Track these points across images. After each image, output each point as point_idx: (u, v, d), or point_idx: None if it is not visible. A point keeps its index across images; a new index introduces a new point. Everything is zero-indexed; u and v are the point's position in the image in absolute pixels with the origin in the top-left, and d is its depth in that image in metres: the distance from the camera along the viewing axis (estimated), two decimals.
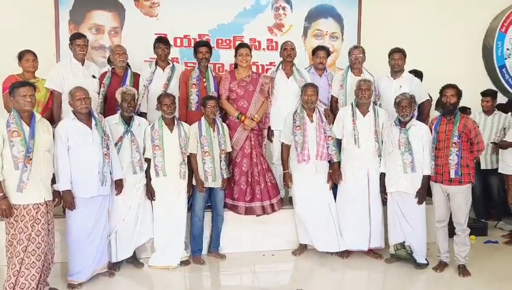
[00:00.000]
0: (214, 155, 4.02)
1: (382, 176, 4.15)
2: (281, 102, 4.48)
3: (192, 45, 4.89)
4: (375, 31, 5.93)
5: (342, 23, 6.04)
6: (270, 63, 5.80)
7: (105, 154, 3.58)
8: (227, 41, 5.72)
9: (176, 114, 4.11)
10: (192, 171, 4.05)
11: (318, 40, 5.96)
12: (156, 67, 4.35)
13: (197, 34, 5.60)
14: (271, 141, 4.65)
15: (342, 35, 6.06)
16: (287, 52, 4.47)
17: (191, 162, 4.03)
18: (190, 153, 4.03)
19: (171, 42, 5.41)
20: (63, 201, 3.50)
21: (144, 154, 3.96)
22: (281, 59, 4.59)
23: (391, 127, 4.08)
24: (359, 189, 4.17)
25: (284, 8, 5.89)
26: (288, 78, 4.52)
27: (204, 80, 4.36)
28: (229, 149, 4.23)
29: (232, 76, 4.41)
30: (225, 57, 5.64)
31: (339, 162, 4.24)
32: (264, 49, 5.83)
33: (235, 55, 4.39)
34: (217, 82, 4.41)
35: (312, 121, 4.23)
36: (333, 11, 6.01)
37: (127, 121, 3.88)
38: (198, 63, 4.38)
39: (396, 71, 4.52)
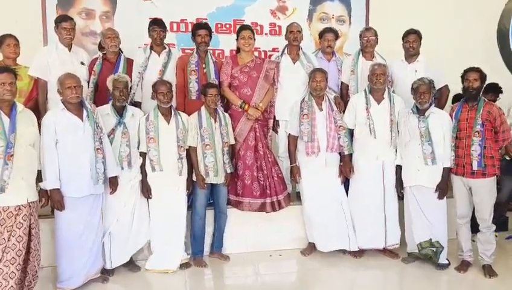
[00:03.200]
0: (216, 148, 3.68)
1: (398, 169, 3.83)
2: (286, 89, 4.13)
3: (190, 29, 4.51)
4: (385, 14, 5.56)
5: (350, 6, 5.68)
6: (273, 49, 5.43)
7: (98, 148, 3.24)
8: (227, 26, 5.36)
9: (173, 103, 3.76)
10: (192, 165, 3.70)
11: (324, 23, 5.59)
12: (150, 52, 3.98)
13: (195, 18, 5.21)
14: (276, 132, 4.30)
15: (350, 19, 5.70)
16: (293, 35, 4.12)
17: (190, 156, 3.68)
18: (189, 146, 3.68)
19: (167, 27, 5.09)
20: (51, 201, 3.17)
21: (138, 147, 3.61)
22: (286, 43, 4.24)
23: (408, 116, 3.74)
24: (373, 183, 3.84)
25: None
26: (294, 63, 4.16)
27: (204, 65, 4.00)
28: (232, 141, 3.89)
29: (234, 61, 4.05)
30: (225, 42, 5.29)
31: (351, 154, 3.91)
32: (266, 33, 5.47)
33: (237, 39, 4.04)
34: (217, 68, 4.05)
35: (321, 109, 3.89)
36: None
37: (120, 111, 3.53)
38: (197, 47, 4.02)
39: (411, 55, 4.18)
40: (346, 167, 3.90)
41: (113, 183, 3.43)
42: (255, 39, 4.04)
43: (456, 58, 5.00)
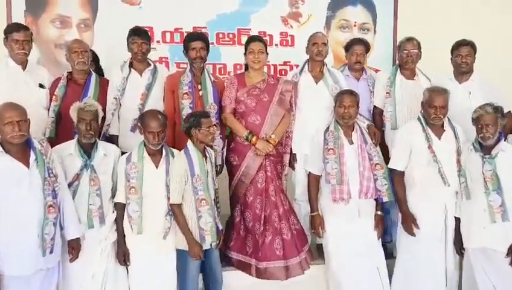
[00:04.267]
0: (212, 202, 2.76)
1: (457, 222, 2.93)
2: (307, 115, 3.27)
3: None
4: (416, 21, 4.69)
5: (375, 12, 4.81)
6: (285, 63, 4.61)
7: (50, 205, 2.37)
8: (230, 36, 4.50)
9: None
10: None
11: (345, 32, 4.74)
12: (130, 71, 3.11)
13: (192, 26, 4.36)
14: (293, 169, 3.41)
15: (375, 27, 4.83)
16: (317, 49, 3.25)
17: (174, 214, 2.74)
18: (172, 204, 2.73)
19: (158, 37, 4.33)
20: None
21: (114, 197, 2.73)
22: (307, 57, 3.38)
23: (468, 154, 2.85)
24: (434, 241, 2.95)
25: None
26: (317, 83, 3.29)
27: (199, 86, 3.13)
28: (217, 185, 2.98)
29: (240, 81, 3.19)
30: (227, 55, 4.46)
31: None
32: (276, 44, 4.60)
33: (245, 53, 3.19)
34: (217, 90, 3.18)
35: (351, 142, 3.02)
36: None
37: (87, 150, 2.66)
38: (191, 63, 3.16)
39: (463, 72, 3.31)
40: (379, 226, 3.03)
41: (74, 247, 2.55)
42: (267, 53, 3.18)
43: (506, 76, 4.19)
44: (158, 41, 4.35)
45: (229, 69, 4.48)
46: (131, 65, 3.14)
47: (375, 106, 3.48)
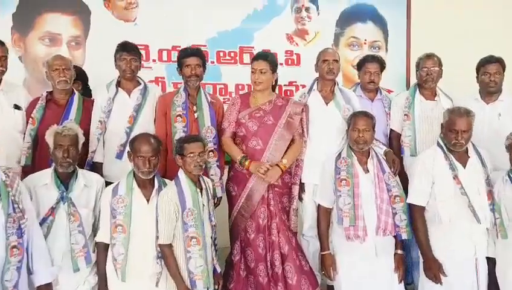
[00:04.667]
0: (206, 241, 2.37)
1: (490, 263, 2.54)
2: (316, 140, 2.92)
3: None
4: (431, 40, 4.38)
5: (386, 29, 4.52)
6: (290, 83, 4.31)
7: (14, 246, 2.02)
8: (232, 54, 4.19)
9: None
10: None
11: (354, 50, 4.45)
12: (117, 91, 2.80)
13: (190, 44, 4.01)
14: (301, 200, 3.03)
15: (386, 45, 4.53)
16: (328, 66, 2.93)
17: (164, 256, 2.35)
18: (160, 244, 2.35)
19: (155, 55, 4.01)
20: None
21: (96, 236, 2.37)
22: (317, 76, 3.06)
23: (504, 184, 2.48)
24: (464, 288, 2.53)
25: (308, 9, 4.37)
26: (327, 104, 2.96)
27: (194, 108, 2.80)
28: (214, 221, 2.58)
29: (243, 102, 2.87)
30: (229, 75, 4.16)
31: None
32: (281, 63, 4.23)
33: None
34: (214, 111, 2.85)
35: (367, 171, 2.66)
36: (374, 13, 4.49)
37: (65, 180, 2.32)
38: (185, 82, 2.84)
39: (491, 92, 2.98)
40: (400, 267, 2.62)
41: None
42: (274, 72, 2.85)
43: None
44: (154, 60, 4.05)
45: (230, 90, 4.17)
46: (118, 84, 2.82)
47: (391, 130, 3.14)
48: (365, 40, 4.48)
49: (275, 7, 4.30)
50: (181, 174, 2.42)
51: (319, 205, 2.78)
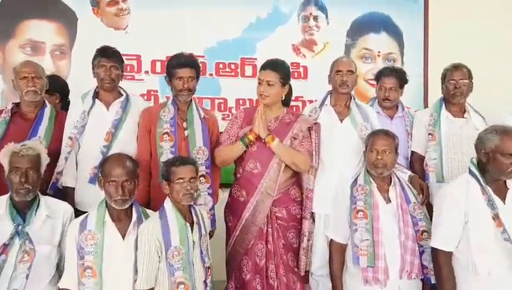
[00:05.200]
0: (197, 286, 1.95)
1: None
2: (328, 163, 2.51)
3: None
4: (451, 52, 3.99)
5: (402, 40, 4.13)
6: (296, 98, 3.88)
7: None
8: (232, 66, 3.82)
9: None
10: None
11: (367, 63, 4.06)
12: (93, 103, 2.40)
13: None
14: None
15: (402, 58, 4.13)
16: (341, 78, 2.54)
17: None
18: None
19: (147, 66, 3.67)
20: None
21: (59, 281, 1.95)
22: (330, 88, 2.66)
23: None
24: None
25: (316, 18, 4.00)
26: (341, 120, 2.56)
27: (184, 124, 2.39)
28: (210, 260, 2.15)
29: (247, 117, 2.48)
30: (228, 89, 3.79)
31: None
32: None
33: None
34: (208, 128, 2.44)
35: (388, 200, 2.24)
36: (388, 23, 4.10)
37: (23, 209, 1.91)
38: (175, 95, 2.43)
39: None
40: None
41: None
42: (284, 84, 2.44)
43: None
44: (147, 72, 3.70)
45: (230, 105, 3.79)
46: (96, 95, 2.42)
47: (413, 152, 2.73)
48: (379, 52, 4.09)
49: (280, 15, 3.94)
50: (167, 204, 2.03)
51: (331, 240, 2.34)
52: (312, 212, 2.51)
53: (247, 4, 3.85)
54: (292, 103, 3.79)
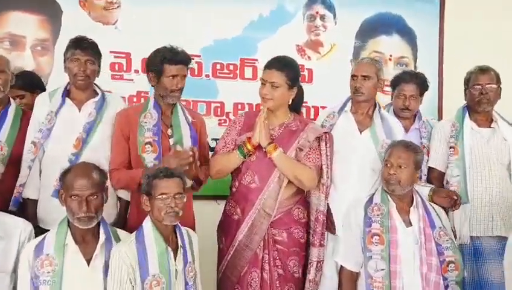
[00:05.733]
0: None
1: None
2: (341, 180, 2.19)
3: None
4: (468, 56, 3.69)
5: (415, 43, 3.84)
6: None
7: None
8: (231, 67, 3.53)
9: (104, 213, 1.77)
10: None
11: None
12: (63, 102, 2.07)
13: None
14: None
15: (415, 62, 3.85)
16: (355, 83, 2.23)
17: None
18: None
19: (138, 65, 3.39)
20: None
21: None
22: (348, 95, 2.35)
23: None
24: None
25: (323, 18, 3.70)
26: (361, 132, 2.23)
27: (169, 131, 2.07)
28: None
29: (247, 121, 2.17)
30: (226, 92, 3.49)
31: None
32: None
33: None
34: (196, 133, 2.13)
35: (409, 223, 1.95)
36: (401, 24, 3.82)
37: None
38: (162, 96, 2.09)
39: None
40: None
41: None
42: (292, 87, 2.12)
43: None
44: (137, 71, 3.38)
45: (227, 109, 3.48)
46: (67, 93, 2.09)
47: (431, 168, 2.40)
48: (390, 55, 3.80)
49: (284, 13, 3.64)
50: (147, 223, 1.72)
51: (341, 266, 2.05)
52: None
53: (248, 0, 3.57)
54: None
